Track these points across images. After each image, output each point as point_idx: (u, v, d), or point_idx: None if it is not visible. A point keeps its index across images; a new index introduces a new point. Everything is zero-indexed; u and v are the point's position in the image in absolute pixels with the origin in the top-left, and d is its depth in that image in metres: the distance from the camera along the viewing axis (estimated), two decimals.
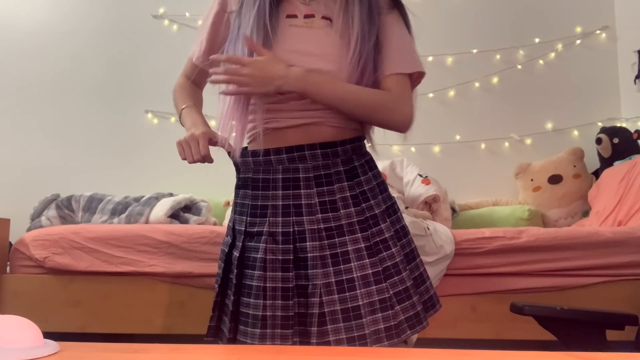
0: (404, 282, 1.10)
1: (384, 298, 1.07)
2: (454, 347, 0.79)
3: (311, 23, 1.15)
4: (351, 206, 1.11)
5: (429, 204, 2.53)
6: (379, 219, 1.12)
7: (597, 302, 1.96)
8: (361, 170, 1.15)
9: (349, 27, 1.13)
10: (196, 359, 0.71)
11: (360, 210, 1.11)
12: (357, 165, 1.15)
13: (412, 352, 0.78)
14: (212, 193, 2.99)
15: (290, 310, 1.06)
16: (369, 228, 1.10)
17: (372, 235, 1.10)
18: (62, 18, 3.41)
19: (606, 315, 1.39)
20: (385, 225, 1.12)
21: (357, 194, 1.12)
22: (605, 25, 3.21)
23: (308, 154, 1.12)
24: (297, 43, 1.13)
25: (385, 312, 1.06)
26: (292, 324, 1.06)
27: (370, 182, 1.15)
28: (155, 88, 3.35)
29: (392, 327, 1.07)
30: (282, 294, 1.07)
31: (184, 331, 2.03)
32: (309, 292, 1.06)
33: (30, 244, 2.10)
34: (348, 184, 1.12)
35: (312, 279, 1.06)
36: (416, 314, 1.10)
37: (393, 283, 1.08)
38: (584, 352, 0.77)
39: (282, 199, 1.12)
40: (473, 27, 3.28)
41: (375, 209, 1.12)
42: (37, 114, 3.34)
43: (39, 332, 0.75)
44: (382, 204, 1.14)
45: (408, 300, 1.09)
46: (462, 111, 3.24)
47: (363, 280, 1.06)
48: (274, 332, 1.06)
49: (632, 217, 2.33)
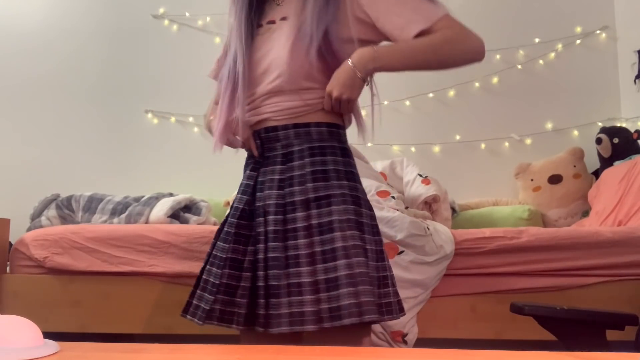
0: (299, 277, 1.07)
1: (274, 285, 1.08)
2: (454, 347, 0.79)
3: (270, 28, 1.23)
4: (275, 189, 1.16)
5: (429, 204, 2.53)
6: (297, 207, 1.13)
7: (597, 302, 1.96)
8: (298, 155, 1.17)
9: (301, 16, 1.17)
10: (196, 359, 0.71)
11: (281, 195, 1.15)
12: (296, 150, 1.18)
13: (412, 352, 0.78)
14: (212, 193, 2.99)
15: (218, 278, 1.14)
16: (282, 213, 1.13)
17: (285, 221, 1.12)
18: (62, 18, 3.42)
19: (606, 315, 1.39)
20: (302, 215, 1.12)
21: (285, 178, 1.16)
22: (605, 25, 3.21)
23: (257, 142, 1.22)
24: (257, 52, 1.22)
25: (274, 299, 1.08)
26: (216, 292, 1.13)
27: (303, 168, 1.15)
28: (155, 88, 3.35)
29: (272, 315, 1.07)
30: (217, 262, 1.17)
31: (184, 331, 2.03)
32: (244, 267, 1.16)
33: (30, 244, 2.10)
34: (280, 168, 1.18)
35: (248, 255, 1.16)
36: (302, 313, 1.06)
37: (286, 274, 1.08)
38: (584, 352, 0.77)
39: (246, 179, 1.24)
40: (473, 27, 3.27)
41: (296, 196, 1.14)
42: (37, 114, 3.34)
43: (39, 332, 0.75)
44: (311, 192, 1.13)
45: (297, 296, 1.07)
46: (462, 111, 3.24)
47: (263, 263, 1.11)
48: (202, 295, 1.17)
49: (632, 217, 2.33)
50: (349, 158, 1.21)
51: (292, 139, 1.18)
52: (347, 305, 1.04)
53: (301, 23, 1.16)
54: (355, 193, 1.17)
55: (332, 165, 1.17)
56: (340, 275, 1.06)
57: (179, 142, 3.31)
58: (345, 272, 1.06)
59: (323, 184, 1.14)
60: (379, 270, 1.14)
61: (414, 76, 3.26)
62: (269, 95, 1.20)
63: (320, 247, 1.09)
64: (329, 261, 1.08)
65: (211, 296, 1.14)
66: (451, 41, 1.16)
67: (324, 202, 1.12)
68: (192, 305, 1.19)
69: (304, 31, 1.14)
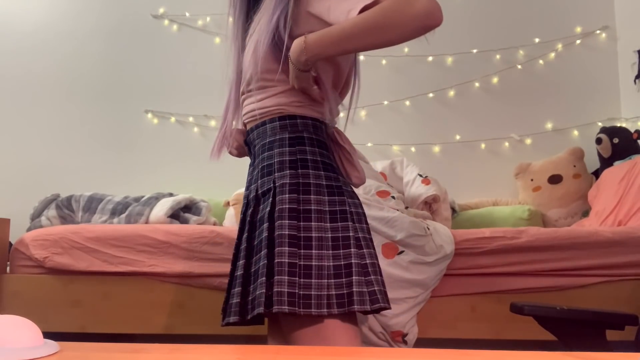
0: (260, 260, 1.10)
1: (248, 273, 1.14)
2: (454, 347, 0.79)
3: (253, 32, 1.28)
4: (246, 189, 1.27)
5: (429, 204, 2.53)
6: (251, 204, 1.21)
7: (597, 302, 1.96)
8: (257, 154, 1.25)
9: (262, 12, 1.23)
10: (196, 359, 0.71)
11: (246, 195, 1.26)
12: (267, 143, 1.23)
13: (412, 352, 0.78)
14: (212, 193, 2.99)
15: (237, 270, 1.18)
16: (256, 205, 1.20)
17: (253, 213, 1.19)
18: (61, 18, 3.42)
19: (606, 315, 1.39)
20: (250, 211, 1.19)
21: (251, 179, 1.25)
22: (605, 25, 3.21)
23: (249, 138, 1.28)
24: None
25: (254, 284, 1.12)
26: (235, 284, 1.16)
27: (264, 161, 1.21)
28: (155, 88, 3.36)
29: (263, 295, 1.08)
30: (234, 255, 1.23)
31: (184, 331, 2.03)
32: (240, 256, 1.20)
33: (30, 244, 2.10)
34: (251, 168, 1.27)
35: None
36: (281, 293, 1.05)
37: (257, 259, 1.11)
38: (584, 352, 0.77)
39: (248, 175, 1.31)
40: (473, 27, 3.28)
41: (251, 194, 1.22)
42: (37, 113, 3.34)
43: (39, 332, 0.75)
44: (260, 188, 1.19)
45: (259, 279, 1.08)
46: (462, 111, 3.24)
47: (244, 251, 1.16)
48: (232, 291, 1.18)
49: (632, 217, 2.33)
50: (304, 146, 1.18)
51: (255, 139, 1.25)
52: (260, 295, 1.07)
53: (258, 23, 1.22)
54: (297, 180, 1.14)
55: (277, 158, 1.18)
56: (259, 267, 1.10)
57: (179, 142, 3.31)
58: (262, 263, 1.09)
59: (266, 179, 1.18)
60: (336, 258, 1.09)
61: (414, 76, 3.28)
62: (245, 97, 1.27)
63: (256, 241, 1.15)
64: (257, 253, 1.13)
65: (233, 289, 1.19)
66: (391, 9, 0.99)
67: (266, 197, 1.16)
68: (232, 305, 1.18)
69: (259, 30, 1.20)
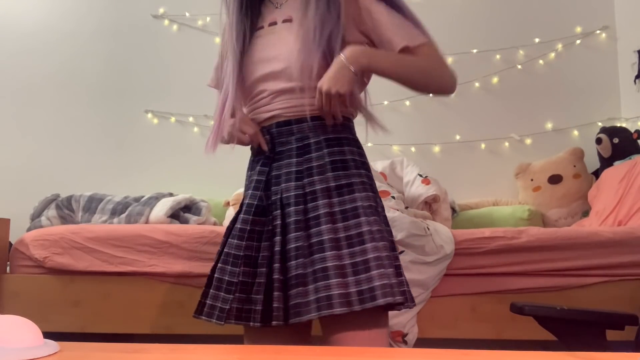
0: (324, 261, 1.09)
1: (299, 274, 1.10)
2: (454, 347, 0.80)
3: (273, 29, 1.25)
4: (293, 180, 1.18)
5: (429, 204, 2.53)
6: (318, 196, 1.15)
7: (597, 302, 1.96)
8: (315, 147, 1.20)
9: (306, 19, 1.19)
10: (196, 359, 0.71)
11: (300, 185, 1.17)
12: (312, 142, 1.20)
13: (412, 352, 0.78)
14: (212, 193, 2.99)
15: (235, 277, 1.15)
16: (303, 203, 1.16)
17: (305, 211, 1.15)
18: (62, 18, 3.42)
19: (606, 315, 1.39)
20: (324, 202, 1.15)
21: (303, 170, 1.19)
22: (605, 25, 3.21)
23: (267, 138, 1.24)
24: (258, 52, 1.25)
25: (296, 289, 1.09)
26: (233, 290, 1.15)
27: (322, 159, 1.19)
28: (155, 88, 3.36)
29: (301, 304, 1.08)
30: (232, 260, 1.18)
31: (184, 331, 2.03)
32: (259, 263, 1.16)
33: (30, 244, 2.10)
34: (297, 160, 1.20)
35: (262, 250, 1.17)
36: (330, 297, 1.06)
37: (311, 261, 1.10)
38: (584, 352, 0.77)
39: (257, 174, 1.24)
40: (473, 27, 3.28)
41: (317, 185, 1.16)
42: (37, 113, 3.34)
43: (39, 332, 0.75)
44: (332, 181, 1.17)
45: (323, 281, 1.07)
46: (462, 111, 3.24)
47: (286, 254, 1.13)
48: (217, 294, 1.17)
49: (632, 217, 2.33)
50: (362, 150, 1.26)
51: (306, 132, 1.21)
52: (380, 286, 1.06)
53: (307, 27, 1.19)
54: (372, 183, 1.22)
55: (350, 155, 1.21)
56: (369, 258, 1.09)
57: (179, 142, 3.31)
58: (374, 255, 1.09)
59: (343, 172, 1.17)
60: (397, 259, 1.19)
61: None
62: (279, 93, 1.22)
63: (344, 233, 1.11)
64: (356, 245, 1.10)
65: (229, 295, 1.15)
66: (432, 68, 1.23)
67: (345, 189, 1.16)
68: (206, 305, 1.19)
69: (309, 36, 1.17)
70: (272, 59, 1.23)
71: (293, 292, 1.09)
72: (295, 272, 1.10)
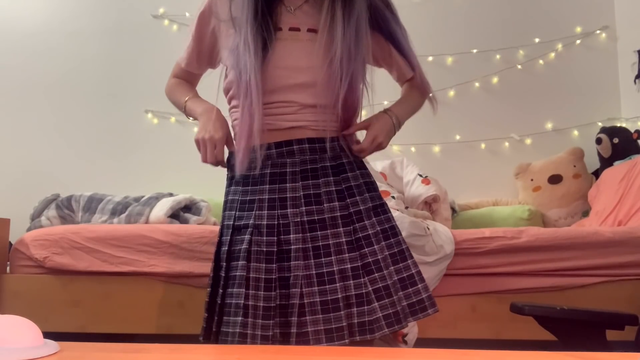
0: (384, 280, 1.12)
1: (360, 293, 1.09)
2: (454, 347, 0.80)
3: (296, 36, 1.19)
4: (335, 200, 1.16)
5: (429, 204, 2.53)
6: (364, 216, 1.16)
7: (597, 302, 1.96)
8: (349, 167, 1.20)
9: (333, 43, 1.15)
10: (196, 359, 0.71)
11: (344, 205, 1.16)
12: (345, 162, 1.21)
13: (412, 352, 0.78)
14: (212, 193, 2.99)
15: (272, 301, 1.09)
16: (351, 223, 1.15)
17: (355, 230, 1.14)
18: (62, 18, 3.41)
19: (606, 315, 1.39)
20: (369, 222, 1.16)
21: (343, 189, 1.17)
22: (605, 25, 3.21)
23: (296, 148, 1.17)
24: (284, 58, 1.17)
25: (361, 307, 1.09)
26: (273, 315, 1.08)
27: (358, 180, 1.20)
28: (155, 88, 3.33)
29: (367, 322, 1.08)
30: (264, 284, 1.10)
31: (184, 331, 2.03)
32: (291, 284, 1.09)
33: (30, 244, 2.10)
34: (334, 179, 1.18)
35: (294, 270, 1.10)
36: (395, 313, 1.11)
37: (373, 279, 1.11)
38: (584, 352, 0.77)
39: (268, 193, 1.17)
40: (473, 27, 3.28)
41: (360, 205, 1.17)
42: (37, 114, 3.34)
43: (39, 332, 0.75)
44: (369, 201, 1.19)
45: (388, 298, 1.11)
46: (462, 111, 3.24)
47: (341, 274, 1.10)
48: (255, 322, 1.08)
49: (632, 217, 2.33)
50: None
51: (338, 151, 1.22)
52: (427, 298, 1.17)
53: (335, 50, 1.14)
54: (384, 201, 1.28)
55: (373, 177, 1.28)
56: (413, 273, 1.17)
57: (179, 142, 3.30)
58: (415, 270, 1.18)
59: (375, 193, 1.23)
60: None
61: None
62: (307, 106, 1.18)
63: (389, 251, 1.16)
64: (400, 262, 1.16)
65: (268, 321, 1.08)
66: (423, 91, 1.39)
67: (380, 210, 1.20)
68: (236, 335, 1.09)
69: (338, 63, 1.14)
70: (304, 70, 1.17)
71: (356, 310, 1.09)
72: (358, 292, 1.10)
